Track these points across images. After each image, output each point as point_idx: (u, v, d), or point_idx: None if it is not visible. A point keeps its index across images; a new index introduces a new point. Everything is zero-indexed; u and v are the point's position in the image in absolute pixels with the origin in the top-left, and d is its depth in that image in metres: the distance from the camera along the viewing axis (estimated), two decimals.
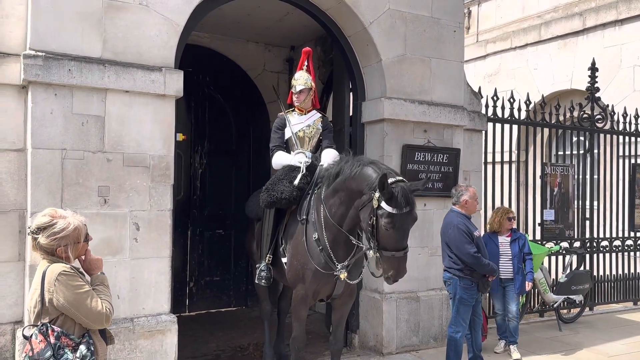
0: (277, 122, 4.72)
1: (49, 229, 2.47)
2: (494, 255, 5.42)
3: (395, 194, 3.53)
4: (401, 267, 3.63)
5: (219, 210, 7.36)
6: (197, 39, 6.83)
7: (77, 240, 2.54)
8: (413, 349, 5.59)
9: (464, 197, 4.92)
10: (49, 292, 2.41)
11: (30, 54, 4.06)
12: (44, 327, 2.42)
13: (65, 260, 2.52)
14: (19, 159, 4.23)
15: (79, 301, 2.44)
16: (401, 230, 3.58)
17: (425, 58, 5.77)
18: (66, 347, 2.42)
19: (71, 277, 2.45)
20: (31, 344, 2.41)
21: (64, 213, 2.57)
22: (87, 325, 2.50)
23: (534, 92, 8.62)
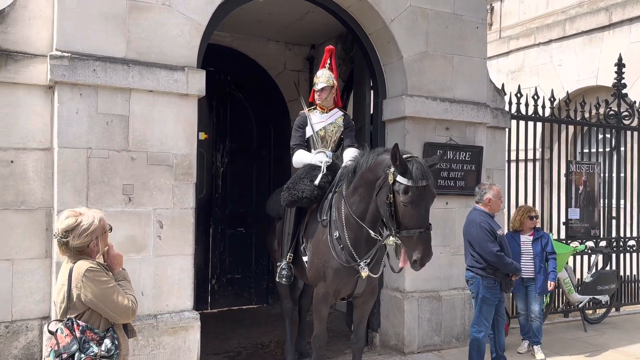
0: (298, 121, 4.72)
1: (78, 229, 2.53)
2: (515, 255, 5.35)
3: (410, 167, 3.53)
4: (426, 248, 3.52)
5: (240, 209, 7.41)
6: (219, 39, 6.88)
7: (104, 231, 2.62)
8: (435, 349, 5.55)
9: (487, 196, 4.87)
10: (76, 288, 2.47)
11: (56, 55, 4.14)
12: (69, 321, 2.48)
13: (95, 254, 2.58)
14: (45, 157, 4.32)
15: (106, 296, 2.50)
16: (421, 205, 3.52)
17: (448, 55, 5.72)
18: (91, 341, 2.48)
19: (98, 272, 2.51)
20: (57, 339, 2.47)
21: (81, 210, 2.63)
22: (113, 319, 2.55)
23: (558, 89, 8.48)
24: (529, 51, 11.04)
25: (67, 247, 2.55)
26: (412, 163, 3.56)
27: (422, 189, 3.51)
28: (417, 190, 3.49)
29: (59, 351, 2.45)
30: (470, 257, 4.83)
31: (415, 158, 3.63)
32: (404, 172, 3.52)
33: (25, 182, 4.28)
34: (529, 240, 5.58)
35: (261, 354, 5.49)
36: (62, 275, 2.56)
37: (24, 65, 4.26)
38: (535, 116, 6.90)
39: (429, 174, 3.58)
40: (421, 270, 5.41)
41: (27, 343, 4.26)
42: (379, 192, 3.70)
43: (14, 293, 4.25)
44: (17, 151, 4.25)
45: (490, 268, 4.70)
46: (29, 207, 4.29)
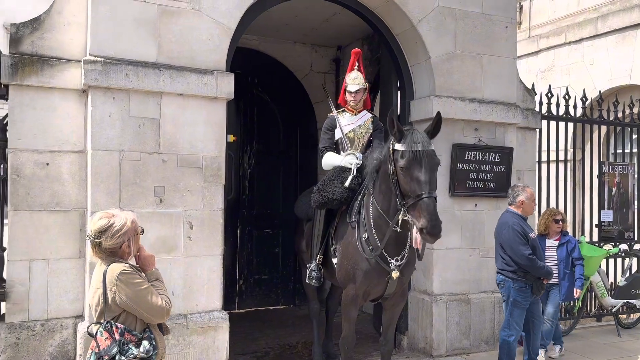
0: (327, 123, 4.73)
1: (111, 230, 2.56)
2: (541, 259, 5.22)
3: (407, 133, 3.64)
4: (432, 214, 3.41)
5: (267, 210, 7.46)
6: (246, 42, 6.94)
7: (135, 232, 2.64)
8: (463, 352, 5.49)
9: (520, 198, 4.78)
10: (111, 291, 2.50)
11: (90, 60, 4.24)
12: (108, 324, 2.51)
13: (127, 255, 2.61)
14: (79, 160, 4.43)
15: (140, 297, 2.53)
16: (418, 169, 3.52)
17: (476, 55, 5.65)
18: (130, 342, 2.51)
19: (131, 275, 2.54)
20: (97, 341, 2.50)
21: (114, 212, 2.67)
22: (148, 320, 2.59)
23: (590, 88, 8.30)
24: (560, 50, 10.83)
25: (100, 248, 2.58)
26: (410, 130, 3.69)
27: (419, 153, 3.55)
28: (412, 154, 3.54)
29: (100, 353, 2.49)
30: (501, 260, 4.76)
31: (414, 128, 3.77)
32: (400, 139, 3.63)
33: (60, 184, 4.39)
34: (554, 245, 5.44)
35: (289, 355, 5.52)
36: (96, 279, 2.59)
37: (59, 70, 4.38)
38: (566, 116, 6.77)
39: (426, 141, 3.63)
40: (450, 273, 5.47)
41: (62, 341, 4.37)
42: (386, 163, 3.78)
43: (49, 292, 4.36)
44: (52, 154, 4.37)
45: (521, 271, 4.63)
46: (64, 208, 4.40)
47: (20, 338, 4.24)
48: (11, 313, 4.28)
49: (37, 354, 4.29)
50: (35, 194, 4.31)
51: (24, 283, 4.29)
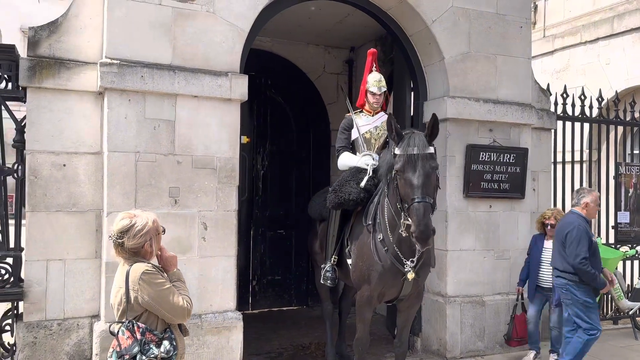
0: (344, 123, 4.73)
1: (132, 229, 2.58)
2: (535, 262, 5.21)
3: (406, 137, 3.63)
4: (420, 220, 3.39)
5: (279, 211, 7.47)
6: (259, 43, 6.96)
7: (157, 232, 2.66)
8: (478, 355, 5.45)
9: (585, 200, 4.68)
10: (133, 291, 2.52)
11: (106, 62, 4.28)
12: (130, 323, 2.53)
13: (149, 256, 2.63)
14: (95, 161, 4.48)
15: (162, 298, 2.55)
16: (412, 171, 3.51)
17: (491, 55, 5.62)
18: (151, 342, 2.53)
19: (153, 275, 2.56)
20: (118, 340, 2.52)
21: (135, 212, 2.68)
22: (170, 320, 2.61)
23: (606, 89, 8.20)
24: (575, 50, 10.73)
25: (122, 248, 2.60)
26: (409, 134, 3.67)
27: (413, 157, 3.54)
28: (406, 158, 3.55)
29: (121, 352, 2.51)
30: (562, 261, 4.60)
31: (414, 131, 3.75)
32: (399, 142, 3.64)
33: (77, 185, 4.44)
34: (550, 247, 5.10)
35: (302, 356, 5.52)
36: (118, 278, 2.62)
37: (76, 72, 4.43)
38: (582, 117, 6.70)
39: (423, 144, 3.59)
40: (464, 275, 5.44)
41: (78, 340, 4.41)
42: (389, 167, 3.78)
43: (65, 292, 4.41)
44: (69, 155, 4.43)
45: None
46: (80, 209, 4.45)
47: (37, 337, 4.30)
48: (29, 312, 4.34)
49: (54, 353, 4.34)
50: (52, 195, 4.37)
51: (41, 283, 4.35)
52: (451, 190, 5.42)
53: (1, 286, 4.40)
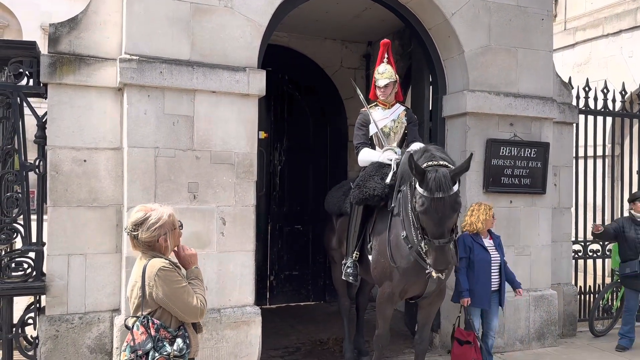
0: (360, 119, 4.68)
1: (147, 222, 2.55)
2: (485, 263, 4.59)
3: (428, 177, 3.49)
4: (439, 257, 3.52)
5: (297, 206, 7.48)
6: (276, 39, 6.94)
7: (173, 227, 2.62)
8: (498, 351, 5.39)
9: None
10: (149, 286, 2.50)
11: (125, 58, 4.31)
12: (145, 319, 2.52)
13: (164, 250, 2.61)
14: (115, 157, 4.51)
15: (176, 296, 2.52)
16: (435, 215, 3.49)
17: (511, 48, 5.53)
18: (164, 339, 2.51)
19: (170, 272, 2.53)
20: (132, 335, 2.51)
21: (152, 206, 2.66)
22: (182, 318, 2.58)
23: (629, 82, 8.04)
24: (597, 43, 10.51)
25: (137, 241, 2.57)
26: (432, 173, 3.50)
27: (438, 200, 3.46)
28: (432, 202, 3.47)
29: (134, 347, 2.49)
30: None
31: (437, 167, 3.56)
32: (421, 181, 3.53)
33: (97, 180, 4.48)
34: (492, 245, 4.75)
35: (320, 351, 5.52)
36: (135, 272, 2.61)
37: (95, 68, 4.46)
38: (604, 111, 6.58)
39: (448, 186, 3.49)
40: None
41: (99, 334, 4.46)
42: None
43: (87, 286, 4.46)
44: (89, 151, 4.46)
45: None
46: (101, 204, 4.49)
47: (59, 330, 4.36)
48: (51, 306, 4.39)
49: (75, 346, 4.39)
50: (73, 190, 4.41)
51: (62, 277, 4.40)
52: (470, 185, 5.35)
53: (24, 280, 4.46)
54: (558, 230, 5.96)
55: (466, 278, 4.59)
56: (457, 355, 4.59)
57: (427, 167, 3.59)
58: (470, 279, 4.59)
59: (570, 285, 6.23)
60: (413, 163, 3.50)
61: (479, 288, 4.60)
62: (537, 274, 5.56)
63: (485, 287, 4.62)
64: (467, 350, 4.53)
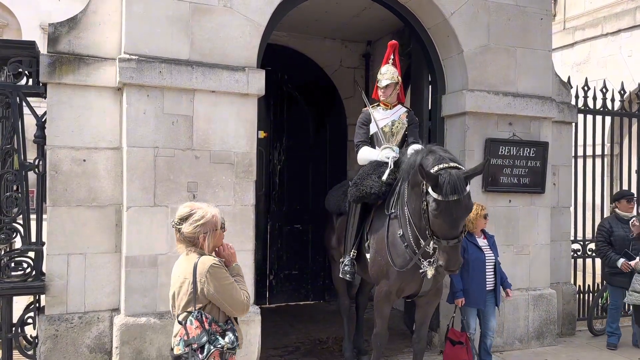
0: (361, 118, 4.70)
1: (190, 218, 2.67)
2: (479, 262, 4.61)
3: (442, 180, 3.47)
4: (452, 257, 3.51)
5: (296, 206, 7.48)
6: (276, 38, 6.95)
7: (214, 228, 2.71)
8: (497, 350, 5.40)
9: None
10: (200, 282, 2.60)
11: (124, 58, 4.31)
12: (199, 313, 2.61)
13: (205, 248, 2.70)
14: (115, 156, 4.51)
15: (225, 291, 2.63)
16: (450, 218, 3.48)
17: (510, 48, 5.54)
18: (216, 333, 2.61)
19: (219, 269, 2.64)
20: (186, 329, 2.60)
21: (200, 204, 2.77)
22: (230, 313, 2.69)
23: (628, 81, 8.05)
24: (596, 42, 10.52)
25: (180, 235, 2.69)
26: (445, 176, 3.48)
27: (453, 203, 3.46)
28: (446, 205, 3.46)
29: (189, 341, 2.57)
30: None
31: (449, 169, 3.54)
32: (434, 186, 3.50)
33: (97, 180, 4.48)
34: (486, 245, 4.78)
35: (319, 350, 5.53)
36: (183, 269, 2.68)
37: (95, 68, 4.46)
38: (604, 110, 6.58)
39: (462, 187, 3.49)
40: None
41: (99, 333, 4.46)
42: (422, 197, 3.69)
43: (86, 285, 4.46)
44: (89, 150, 4.46)
45: None
46: (100, 204, 4.49)
47: (59, 330, 4.36)
48: (50, 305, 4.40)
49: (75, 346, 4.40)
50: (72, 189, 4.42)
51: (62, 276, 4.40)
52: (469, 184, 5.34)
53: (23, 279, 4.47)
54: (557, 229, 5.97)
55: (460, 278, 4.58)
56: (449, 356, 4.61)
57: (438, 170, 3.55)
58: (464, 279, 4.59)
59: (569, 285, 6.24)
60: (424, 171, 3.47)
61: (474, 288, 4.60)
62: (536, 273, 5.57)
63: (480, 287, 4.62)
64: (459, 351, 4.54)
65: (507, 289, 4.83)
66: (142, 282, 4.35)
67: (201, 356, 2.55)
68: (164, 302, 4.39)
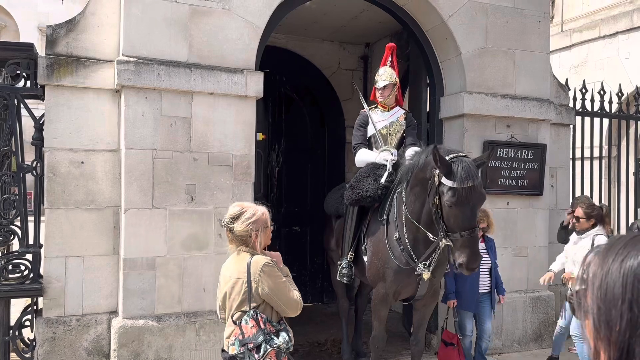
0: (359, 120, 4.69)
1: (242, 216, 2.69)
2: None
3: (455, 167, 3.42)
4: (472, 252, 3.40)
5: (294, 208, 7.47)
6: (274, 40, 6.94)
7: (265, 225, 2.74)
8: (495, 352, 5.40)
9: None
10: (254, 282, 2.60)
11: (123, 60, 4.30)
12: (254, 313, 2.60)
13: (256, 246, 2.71)
14: (113, 158, 4.51)
15: (280, 290, 2.62)
16: (466, 206, 3.41)
17: (508, 50, 5.55)
18: (270, 332, 2.60)
19: (272, 268, 2.64)
20: (241, 329, 2.59)
21: (248, 204, 2.83)
22: (283, 312, 2.69)
23: (625, 83, 8.06)
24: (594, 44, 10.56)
25: (232, 234, 2.71)
26: (458, 163, 3.45)
27: (468, 190, 3.40)
28: (462, 192, 3.39)
29: (244, 341, 2.56)
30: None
31: (461, 157, 3.52)
32: (448, 173, 3.44)
33: (95, 182, 4.48)
34: (483, 248, 4.66)
35: (318, 352, 5.52)
36: (235, 269, 2.69)
37: (93, 70, 4.46)
38: (601, 112, 6.60)
39: (476, 174, 3.46)
40: None
41: (97, 336, 4.45)
42: (429, 193, 3.65)
43: (84, 288, 4.45)
44: (87, 152, 4.46)
45: None
46: (98, 206, 4.48)
47: (56, 332, 4.35)
48: (48, 308, 4.38)
49: (72, 349, 4.38)
50: (70, 192, 4.41)
51: (60, 279, 4.39)
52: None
53: (21, 282, 4.45)
54: (555, 231, 5.97)
55: (454, 280, 4.58)
56: (442, 357, 4.61)
57: (450, 159, 3.52)
58: (458, 282, 4.58)
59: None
60: (439, 157, 3.42)
61: (467, 291, 4.59)
62: (534, 275, 5.57)
63: (473, 291, 4.60)
64: (451, 352, 4.54)
65: (500, 295, 4.81)
66: (140, 285, 4.34)
67: (257, 356, 2.53)
68: (162, 304, 4.39)
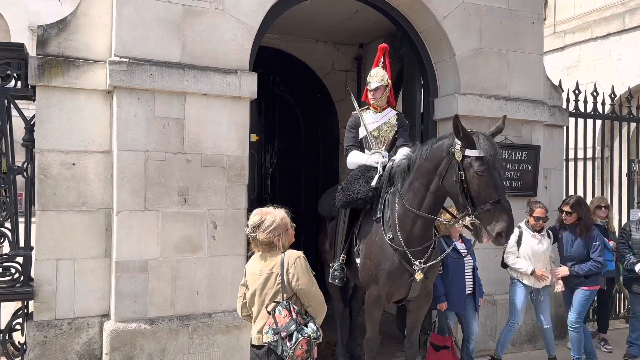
0: (351, 121, 4.67)
1: (262, 225, 2.84)
2: (459, 266, 4.59)
3: (476, 138, 3.54)
4: (510, 218, 3.46)
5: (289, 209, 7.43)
6: (268, 41, 6.91)
7: (286, 228, 2.90)
8: (489, 354, 5.39)
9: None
10: (287, 274, 2.74)
11: (115, 60, 4.26)
12: (287, 303, 2.72)
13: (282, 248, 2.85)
14: (105, 160, 4.46)
15: (310, 285, 2.77)
16: (496, 172, 3.51)
17: (502, 52, 5.55)
18: (300, 323, 2.72)
19: (305, 261, 2.79)
20: (275, 318, 2.70)
21: (268, 210, 2.95)
22: (309, 308, 2.81)
23: (617, 85, 8.08)
24: (586, 46, 10.60)
25: (255, 241, 2.88)
26: (476, 135, 3.59)
27: (494, 156, 3.52)
28: (490, 159, 3.50)
29: (277, 329, 2.69)
30: None
31: (476, 132, 3.64)
32: (471, 144, 3.52)
33: (86, 184, 4.43)
34: (464, 249, 4.70)
35: None
36: (265, 264, 2.84)
37: (85, 71, 4.41)
38: (594, 113, 6.62)
39: (496, 145, 3.61)
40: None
41: (89, 339, 4.40)
42: (445, 176, 3.67)
43: (75, 291, 4.40)
44: (78, 154, 4.41)
45: None
46: (90, 208, 4.44)
47: (47, 336, 4.29)
48: (39, 312, 4.33)
49: (64, 352, 4.33)
50: (61, 193, 4.36)
51: (51, 282, 4.34)
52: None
53: (11, 285, 4.40)
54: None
55: (442, 283, 4.59)
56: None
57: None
58: (444, 283, 4.61)
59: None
60: (460, 128, 3.52)
61: (454, 291, 4.64)
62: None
63: (459, 291, 4.66)
64: (445, 355, 4.55)
65: (480, 298, 4.84)
66: (132, 288, 4.30)
67: (289, 344, 2.64)
68: (155, 307, 4.35)
